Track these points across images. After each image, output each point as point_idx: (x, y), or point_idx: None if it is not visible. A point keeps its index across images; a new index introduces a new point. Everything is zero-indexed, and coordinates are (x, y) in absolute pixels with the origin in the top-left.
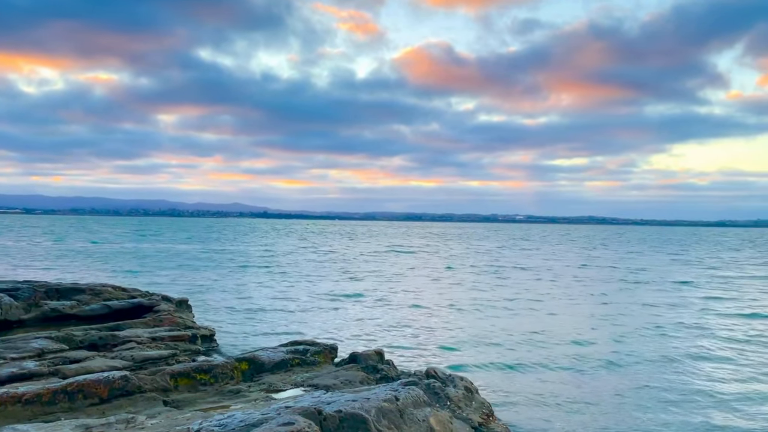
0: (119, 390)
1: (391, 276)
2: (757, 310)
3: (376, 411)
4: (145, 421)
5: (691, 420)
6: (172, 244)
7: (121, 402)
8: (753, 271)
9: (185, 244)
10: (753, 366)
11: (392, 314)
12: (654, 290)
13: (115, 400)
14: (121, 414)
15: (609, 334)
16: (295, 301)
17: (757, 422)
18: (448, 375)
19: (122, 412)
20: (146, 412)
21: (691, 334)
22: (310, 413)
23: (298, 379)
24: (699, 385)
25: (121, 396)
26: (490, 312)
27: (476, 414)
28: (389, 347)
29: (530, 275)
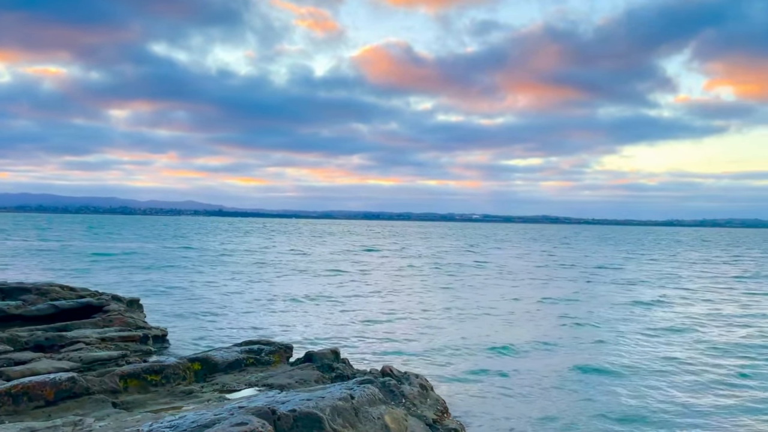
0: (66, 392)
1: (350, 275)
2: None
3: (331, 410)
4: (93, 424)
5: (642, 414)
6: (124, 242)
7: (68, 404)
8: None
9: (137, 243)
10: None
11: (350, 313)
12: (613, 288)
13: (62, 403)
14: (68, 417)
15: (565, 333)
16: (251, 301)
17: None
18: (404, 373)
19: (69, 415)
20: (94, 414)
21: (647, 330)
22: (264, 413)
23: (253, 378)
24: (651, 381)
25: (68, 398)
26: (448, 311)
27: (431, 411)
28: (346, 346)
29: (489, 274)
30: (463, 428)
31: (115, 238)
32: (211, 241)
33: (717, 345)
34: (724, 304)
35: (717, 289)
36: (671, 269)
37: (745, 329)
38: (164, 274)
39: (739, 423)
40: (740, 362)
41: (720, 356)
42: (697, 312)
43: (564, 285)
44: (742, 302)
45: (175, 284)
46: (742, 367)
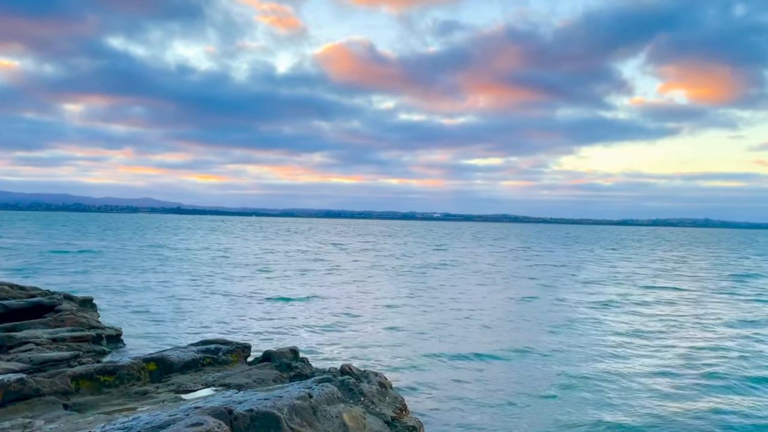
0: (15, 394)
1: (311, 274)
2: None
3: (289, 409)
4: (43, 426)
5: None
6: (77, 240)
7: (17, 407)
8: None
9: (91, 241)
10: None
11: (311, 312)
12: (571, 287)
13: (11, 405)
14: (17, 419)
15: (528, 334)
16: (209, 300)
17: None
18: (363, 371)
19: (18, 417)
20: (45, 416)
21: (598, 327)
22: (221, 413)
23: (209, 378)
24: (601, 377)
25: (17, 400)
26: (410, 310)
27: (389, 409)
28: (305, 345)
29: (451, 272)
30: (421, 425)
31: (69, 236)
32: (168, 240)
33: (685, 352)
34: (710, 306)
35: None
36: (650, 268)
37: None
38: (120, 273)
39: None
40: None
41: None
42: (670, 315)
43: (529, 285)
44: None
45: (131, 284)
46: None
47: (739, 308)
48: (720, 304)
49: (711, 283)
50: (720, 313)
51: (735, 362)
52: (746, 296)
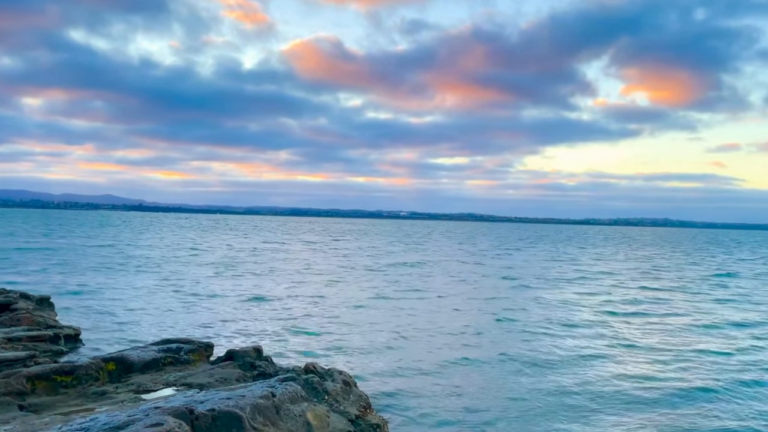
0: None
1: (275, 273)
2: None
3: (252, 408)
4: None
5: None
6: (35, 237)
7: None
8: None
9: (50, 238)
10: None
11: (276, 311)
12: (537, 287)
13: None
14: None
15: (494, 330)
16: (171, 299)
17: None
18: (328, 370)
19: None
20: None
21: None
22: (181, 413)
23: (171, 378)
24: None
25: None
26: (373, 308)
27: (354, 407)
28: (270, 344)
29: (422, 271)
30: (385, 423)
31: (27, 233)
32: (130, 238)
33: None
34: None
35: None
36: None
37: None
38: (79, 271)
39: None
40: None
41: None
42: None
43: (498, 284)
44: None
45: (91, 282)
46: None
47: (735, 310)
48: (702, 303)
49: (694, 283)
50: (708, 315)
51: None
52: (730, 297)
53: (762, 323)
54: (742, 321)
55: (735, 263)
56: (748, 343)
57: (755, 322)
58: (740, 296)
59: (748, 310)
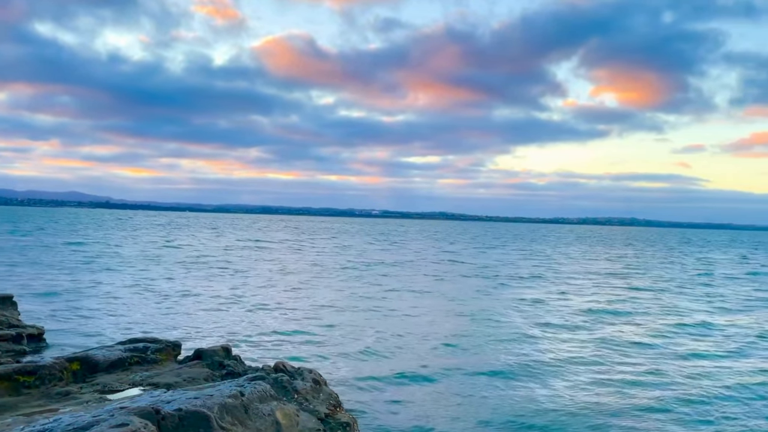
0: None
1: (246, 271)
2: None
3: (220, 407)
4: None
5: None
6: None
7: None
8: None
9: (13, 236)
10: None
11: (245, 310)
12: (513, 286)
13: None
14: None
15: (462, 328)
16: (139, 299)
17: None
18: (297, 369)
19: None
20: None
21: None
22: (147, 413)
23: (137, 378)
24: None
25: None
26: (346, 307)
27: (323, 405)
28: (239, 343)
29: (395, 271)
30: (355, 421)
31: None
32: (96, 235)
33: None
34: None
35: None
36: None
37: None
38: (43, 269)
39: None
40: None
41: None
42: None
43: (475, 283)
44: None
45: (56, 281)
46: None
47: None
48: (684, 303)
49: (672, 283)
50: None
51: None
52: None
53: (736, 324)
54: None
55: (715, 265)
56: (735, 346)
57: (737, 324)
58: (720, 297)
59: (733, 311)
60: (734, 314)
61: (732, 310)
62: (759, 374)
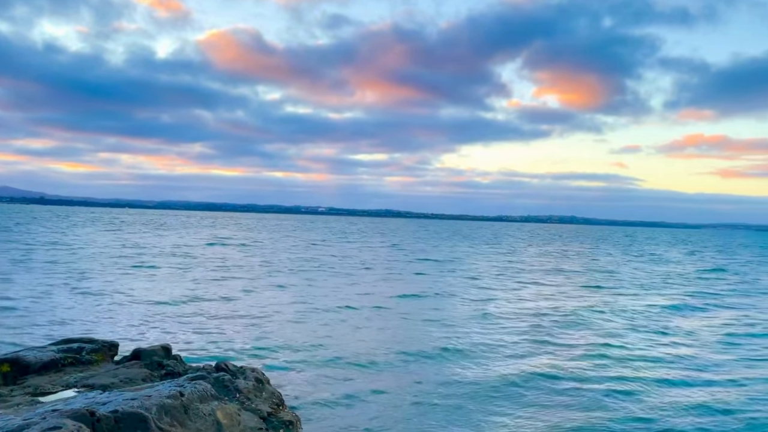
0: None
1: (188, 269)
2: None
3: (158, 408)
4: None
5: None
6: None
7: None
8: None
9: None
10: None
11: (187, 309)
12: (462, 283)
13: None
14: None
15: (407, 325)
16: (75, 298)
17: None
18: (240, 368)
19: None
20: None
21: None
22: (81, 415)
23: (71, 380)
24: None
25: None
26: (291, 306)
27: (266, 404)
28: (180, 343)
29: (339, 268)
30: (298, 420)
31: None
32: (28, 232)
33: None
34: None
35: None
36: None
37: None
38: None
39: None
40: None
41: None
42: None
43: (422, 280)
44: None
45: None
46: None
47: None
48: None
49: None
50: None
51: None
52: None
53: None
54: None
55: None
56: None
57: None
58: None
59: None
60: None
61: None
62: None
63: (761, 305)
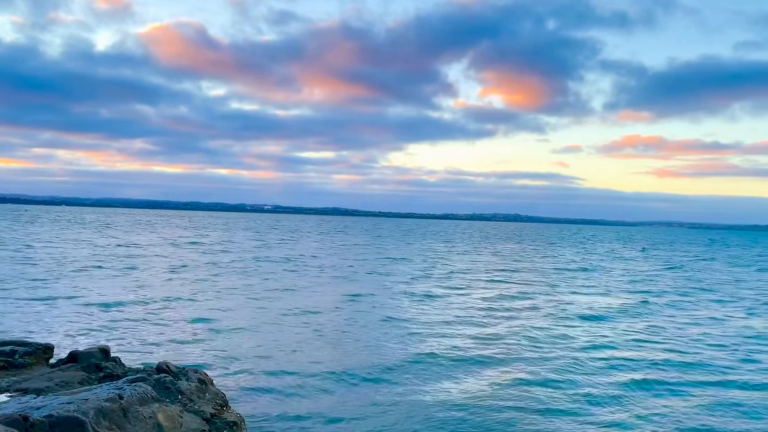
0: None
1: (128, 270)
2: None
3: (96, 412)
4: None
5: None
6: None
7: None
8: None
9: None
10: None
11: (127, 310)
12: (406, 281)
13: None
14: None
15: (350, 324)
16: (6, 300)
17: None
18: (182, 369)
19: None
20: None
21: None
22: (14, 421)
23: (3, 384)
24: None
25: None
26: (234, 306)
27: (209, 405)
28: (120, 345)
29: (288, 268)
30: (242, 420)
31: None
32: None
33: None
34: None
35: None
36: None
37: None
38: None
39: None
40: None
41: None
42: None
43: (368, 279)
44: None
45: None
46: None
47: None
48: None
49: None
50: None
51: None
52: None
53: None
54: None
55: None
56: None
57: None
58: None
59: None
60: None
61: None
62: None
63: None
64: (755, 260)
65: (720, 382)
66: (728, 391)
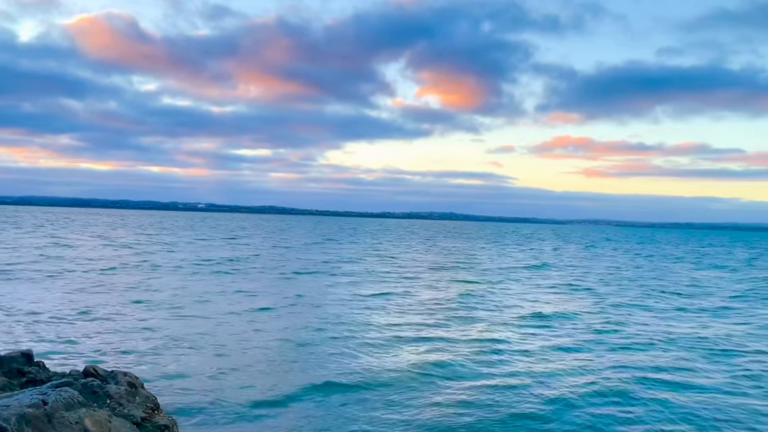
0: None
1: (55, 272)
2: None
3: (18, 419)
4: None
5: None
6: None
7: None
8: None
9: None
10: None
11: (50, 314)
12: (343, 281)
13: None
14: None
15: (286, 326)
16: None
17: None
18: (111, 372)
19: None
20: None
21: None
22: None
23: None
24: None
25: None
26: (165, 307)
27: (139, 409)
28: (44, 348)
29: (225, 269)
30: (175, 423)
31: None
32: None
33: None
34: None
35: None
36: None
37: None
38: None
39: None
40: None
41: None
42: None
43: (308, 279)
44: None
45: None
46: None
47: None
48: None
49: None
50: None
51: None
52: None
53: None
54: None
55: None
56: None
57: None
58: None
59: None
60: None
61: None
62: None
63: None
64: (694, 257)
65: (683, 383)
66: (696, 394)
